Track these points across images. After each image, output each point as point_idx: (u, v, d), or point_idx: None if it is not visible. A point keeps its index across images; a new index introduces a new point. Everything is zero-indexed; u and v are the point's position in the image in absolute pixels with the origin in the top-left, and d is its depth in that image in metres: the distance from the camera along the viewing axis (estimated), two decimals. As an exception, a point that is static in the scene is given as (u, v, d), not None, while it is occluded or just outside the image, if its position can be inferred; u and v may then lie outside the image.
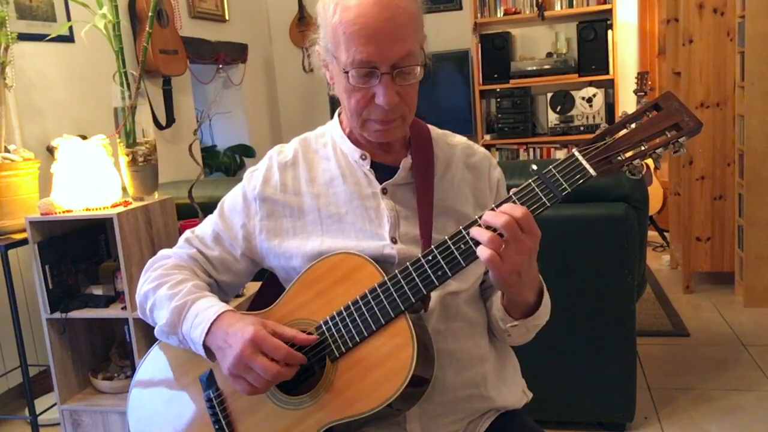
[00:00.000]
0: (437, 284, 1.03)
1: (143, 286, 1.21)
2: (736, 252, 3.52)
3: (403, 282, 1.04)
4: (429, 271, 1.03)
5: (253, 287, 2.18)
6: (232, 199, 1.24)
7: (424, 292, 1.03)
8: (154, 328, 1.18)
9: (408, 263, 1.04)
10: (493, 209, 0.99)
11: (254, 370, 1.02)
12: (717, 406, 2.45)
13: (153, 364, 1.24)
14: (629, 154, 0.99)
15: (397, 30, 1.03)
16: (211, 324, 1.07)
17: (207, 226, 1.25)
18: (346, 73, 1.05)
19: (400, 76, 1.05)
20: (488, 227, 0.97)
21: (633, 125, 1.00)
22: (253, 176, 1.23)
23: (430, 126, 1.24)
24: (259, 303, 1.23)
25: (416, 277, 1.03)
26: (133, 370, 2.37)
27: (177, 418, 1.18)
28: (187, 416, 1.17)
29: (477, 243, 0.99)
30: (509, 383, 1.25)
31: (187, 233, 1.27)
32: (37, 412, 2.46)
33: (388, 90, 1.05)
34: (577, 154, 1.00)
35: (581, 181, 0.98)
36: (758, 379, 2.64)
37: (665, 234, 4.44)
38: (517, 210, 0.96)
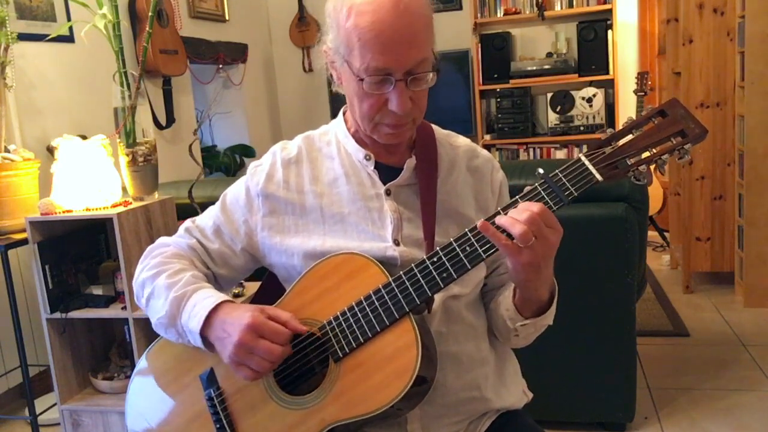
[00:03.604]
0: (442, 286, 1.03)
1: (141, 274, 1.20)
2: (736, 252, 3.52)
3: (407, 283, 1.03)
4: (434, 273, 1.02)
5: (253, 287, 2.18)
6: (234, 193, 1.23)
7: (429, 294, 1.03)
8: (153, 326, 1.17)
9: (413, 265, 1.04)
10: (499, 213, 0.99)
11: (257, 354, 1.02)
12: (717, 406, 2.45)
13: (152, 362, 1.24)
14: (635, 159, 0.99)
15: (414, 37, 1.02)
16: (209, 314, 1.07)
17: (208, 218, 1.24)
18: (361, 80, 1.04)
19: (414, 82, 1.05)
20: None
21: (639, 131, 1.00)
22: (256, 171, 1.22)
23: (434, 126, 1.24)
24: (258, 303, 1.23)
25: (421, 279, 1.03)
26: (133, 370, 2.37)
27: (177, 417, 1.18)
28: (187, 415, 1.17)
29: (485, 244, 1.00)
30: (509, 384, 1.25)
31: (188, 222, 1.26)
32: (37, 412, 2.46)
33: (401, 97, 1.04)
34: (583, 158, 1.00)
35: (587, 185, 0.98)
36: (758, 379, 2.64)
37: (665, 234, 4.44)
38: (534, 206, 0.96)
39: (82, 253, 2.43)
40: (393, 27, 1.00)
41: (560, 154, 4.96)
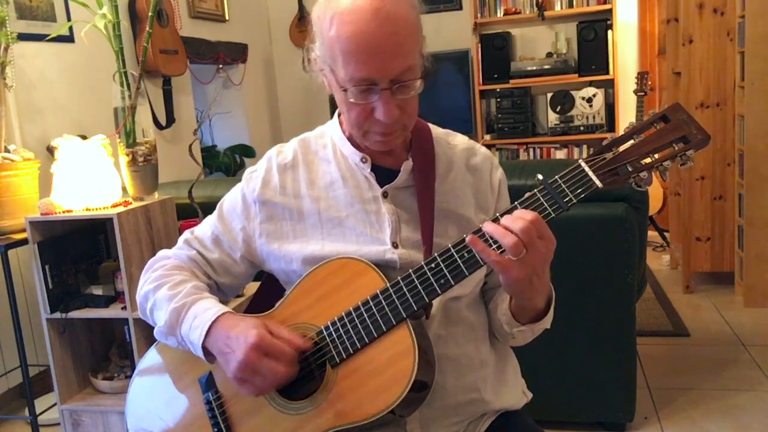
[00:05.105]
0: (440, 292, 1.02)
1: (143, 287, 1.20)
2: (736, 252, 3.52)
3: (405, 289, 1.03)
4: (431, 279, 1.02)
5: (253, 287, 2.17)
6: (231, 201, 1.23)
7: (426, 300, 1.02)
8: (154, 334, 1.17)
9: (410, 270, 1.03)
10: (496, 219, 0.98)
11: (261, 373, 1.01)
12: (717, 406, 2.45)
13: (151, 364, 1.24)
14: (636, 165, 0.97)
15: (398, 45, 0.99)
16: (210, 326, 1.07)
17: (206, 228, 1.24)
18: (345, 90, 1.03)
19: (400, 90, 1.03)
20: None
21: (640, 136, 0.98)
22: (252, 178, 1.21)
23: (431, 125, 1.22)
24: (257, 304, 1.23)
25: (418, 285, 1.02)
26: (133, 370, 2.37)
27: (175, 420, 1.18)
28: (185, 418, 1.17)
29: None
30: (509, 385, 1.24)
31: (187, 234, 1.26)
32: (37, 412, 2.46)
33: (387, 106, 1.02)
34: (583, 164, 0.98)
35: (587, 192, 0.97)
36: (758, 379, 2.64)
37: (665, 234, 4.44)
38: (528, 215, 0.95)
39: (82, 253, 2.43)
40: (375, 36, 0.98)
41: (560, 154, 4.96)
